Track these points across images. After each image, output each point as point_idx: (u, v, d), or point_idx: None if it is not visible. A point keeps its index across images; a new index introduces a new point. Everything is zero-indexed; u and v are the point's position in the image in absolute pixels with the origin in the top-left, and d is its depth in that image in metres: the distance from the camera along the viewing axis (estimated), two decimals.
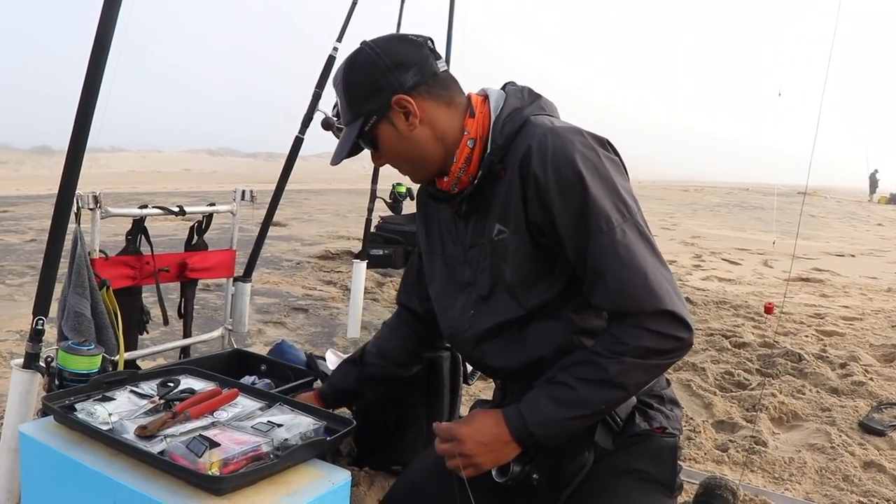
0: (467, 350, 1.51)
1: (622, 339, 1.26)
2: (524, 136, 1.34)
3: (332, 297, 5.74)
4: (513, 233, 1.37)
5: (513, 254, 1.37)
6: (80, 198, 2.08)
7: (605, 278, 1.26)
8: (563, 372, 1.32)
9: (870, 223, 19.57)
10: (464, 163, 1.39)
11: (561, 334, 1.39)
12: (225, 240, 2.84)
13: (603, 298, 1.29)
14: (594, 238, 1.27)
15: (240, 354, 2.44)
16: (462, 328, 1.49)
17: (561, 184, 1.28)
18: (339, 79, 1.40)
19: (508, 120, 1.37)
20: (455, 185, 1.42)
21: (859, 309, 6.35)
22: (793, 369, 4.10)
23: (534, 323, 1.40)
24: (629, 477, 1.39)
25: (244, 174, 31.29)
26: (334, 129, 3.39)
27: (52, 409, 1.44)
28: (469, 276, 1.47)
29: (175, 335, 3.22)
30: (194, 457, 1.24)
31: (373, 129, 1.38)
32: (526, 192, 1.33)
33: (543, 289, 1.38)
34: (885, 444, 3.10)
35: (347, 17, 3.63)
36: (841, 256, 10.96)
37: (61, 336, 2.06)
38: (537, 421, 1.30)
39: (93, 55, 1.84)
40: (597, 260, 1.27)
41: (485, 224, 1.42)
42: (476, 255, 1.45)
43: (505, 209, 1.37)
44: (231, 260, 2.79)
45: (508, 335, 1.43)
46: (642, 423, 1.45)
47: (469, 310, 1.47)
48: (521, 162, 1.32)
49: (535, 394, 1.33)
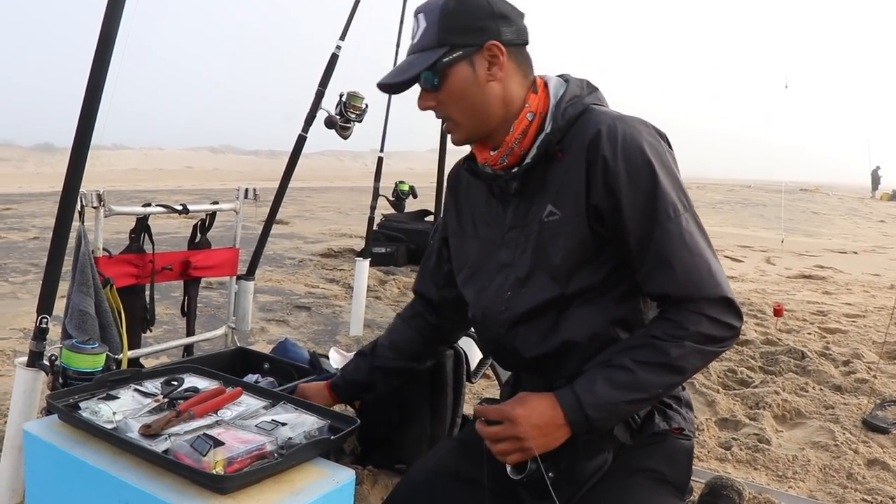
0: (499, 333, 1.47)
1: (683, 324, 1.27)
2: (587, 122, 1.35)
3: (334, 294, 5.74)
4: (566, 215, 1.35)
5: (563, 236, 1.36)
6: (83, 196, 2.08)
7: (671, 264, 1.28)
8: (620, 355, 1.30)
9: (872, 220, 19.55)
10: (520, 134, 1.37)
11: (597, 321, 1.37)
12: (228, 238, 2.84)
13: (666, 284, 1.29)
14: (661, 224, 1.29)
15: (243, 353, 2.44)
16: (497, 310, 1.46)
17: (630, 169, 1.29)
18: (435, 3, 1.36)
19: (570, 104, 1.37)
20: (505, 158, 1.40)
21: (862, 306, 6.34)
22: (796, 367, 4.09)
23: (572, 307, 1.38)
24: (642, 476, 1.38)
25: (246, 172, 31.31)
26: (337, 127, 3.39)
27: (56, 408, 1.44)
28: (507, 258, 1.45)
29: (178, 333, 3.22)
30: (198, 455, 1.24)
31: (451, 63, 1.35)
32: (591, 174, 1.32)
33: (587, 274, 1.36)
34: (888, 442, 3.10)
35: (350, 15, 3.63)
36: (843, 253, 10.96)
37: (65, 334, 2.06)
38: (593, 403, 1.28)
39: (97, 53, 1.84)
40: (663, 246, 1.28)
41: (530, 205, 1.40)
42: (516, 236, 1.43)
43: (560, 191, 1.36)
44: (234, 258, 2.79)
45: (544, 318, 1.41)
46: (661, 422, 1.44)
47: (506, 291, 1.44)
48: (590, 145, 1.31)
49: (589, 376, 1.31)
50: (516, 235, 1.43)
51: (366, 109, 3.49)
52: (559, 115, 1.37)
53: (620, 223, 1.31)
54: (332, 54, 3.50)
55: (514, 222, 1.44)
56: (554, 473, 1.37)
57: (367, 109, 3.50)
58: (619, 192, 1.30)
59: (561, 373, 1.41)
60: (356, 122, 3.48)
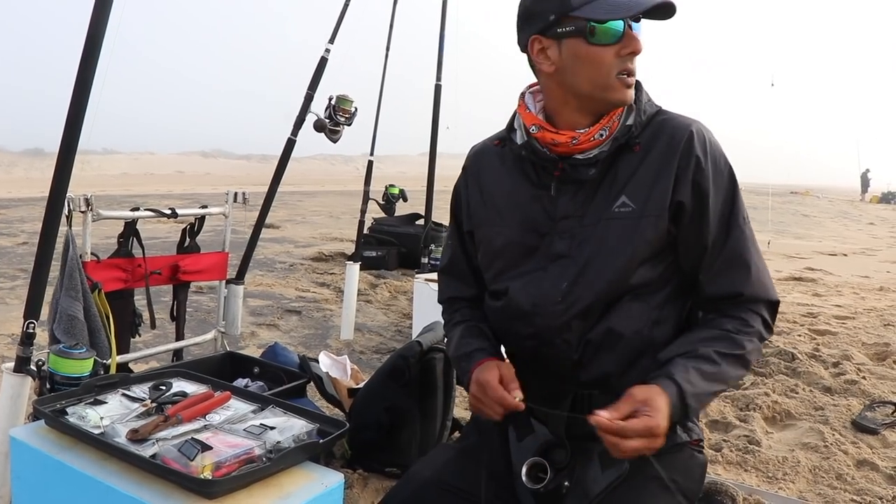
0: (552, 325, 1.41)
1: (749, 322, 1.34)
2: (667, 122, 1.38)
3: (325, 298, 5.73)
4: (640, 208, 1.35)
5: (635, 229, 1.35)
6: (71, 200, 2.07)
7: (748, 266, 1.36)
8: (703, 345, 1.31)
9: (862, 222, 19.66)
10: (616, 116, 1.37)
11: (643, 318, 1.38)
12: (217, 242, 2.84)
13: (741, 284, 1.35)
14: (739, 227, 1.36)
15: (232, 357, 2.44)
16: (552, 300, 1.40)
17: (717, 172, 1.35)
18: None
19: (648, 103, 1.40)
20: (607, 129, 1.36)
21: (852, 308, 6.37)
22: (786, 368, 4.10)
23: (624, 299, 1.38)
24: (655, 483, 1.35)
25: (237, 176, 31.26)
26: (327, 130, 3.39)
27: (43, 413, 1.43)
28: (563, 249, 1.40)
29: (168, 338, 3.21)
30: (186, 460, 1.24)
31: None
32: (681, 172, 1.33)
33: (647, 269, 1.37)
34: (877, 443, 3.11)
35: (340, 18, 3.63)
36: (833, 256, 11.00)
37: (53, 339, 2.05)
38: (693, 393, 1.26)
39: (84, 56, 1.83)
40: (740, 248, 1.36)
41: (595, 195, 1.38)
42: (572, 226, 1.39)
43: (636, 183, 1.36)
44: (224, 262, 2.78)
45: (598, 309, 1.39)
46: (682, 433, 1.44)
47: (563, 282, 1.39)
48: (685, 145, 1.34)
49: (680, 367, 1.28)
50: (573, 225, 1.39)
51: (355, 113, 3.49)
52: (641, 111, 1.38)
53: (703, 221, 1.34)
54: (322, 58, 3.50)
55: (569, 211, 1.40)
56: (569, 482, 1.36)
57: (356, 113, 3.50)
58: (707, 191, 1.33)
59: (591, 371, 1.39)
60: (345, 126, 3.47)
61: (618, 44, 1.31)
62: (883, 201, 32.80)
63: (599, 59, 1.31)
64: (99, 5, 1.82)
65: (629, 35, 1.31)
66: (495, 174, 1.51)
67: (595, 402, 1.40)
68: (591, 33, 1.30)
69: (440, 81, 4.67)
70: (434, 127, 4.75)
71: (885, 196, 34.07)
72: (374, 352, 4.23)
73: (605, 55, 1.31)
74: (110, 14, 1.84)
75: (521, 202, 1.46)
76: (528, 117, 1.42)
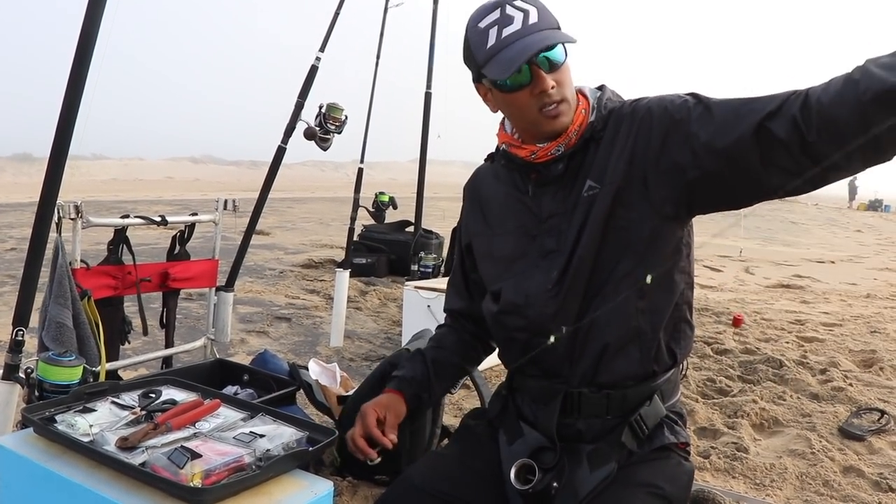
0: (544, 314, 1.46)
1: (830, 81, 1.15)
2: (619, 107, 1.45)
3: (315, 305, 5.72)
4: (605, 185, 1.40)
5: (602, 206, 1.40)
6: (61, 208, 2.07)
7: (751, 99, 1.26)
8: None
9: (849, 230, 19.80)
10: (578, 126, 1.43)
11: (630, 306, 1.41)
12: (207, 249, 2.83)
13: (772, 101, 1.21)
14: (726, 102, 1.29)
15: (222, 364, 2.43)
16: (543, 289, 1.46)
17: (673, 103, 1.36)
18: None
19: (609, 100, 1.47)
20: (562, 147, 1.43)
21: (839, 315, 6.41)
22: (774, 375, 4.13)
23: (610, 287, 1.41)
24: (643, 490, 1.38)
25: (227, 182, 31.18)
26: (317, 138, 3.39)
27: (31, 421, 1.43)
28: (551, 244, 1.47)
29: (157, 345, 3.20)
30: (176, 468, 1.24)
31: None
32: (641, 132, 1.38)
33: (630, 256, 1.40)
34: (864, 449, 3.13)
35: (330, 26, 3.65)
36: (821, 263, 11.07)
37: (42, 347, 2.04)
38: None
39: (75, 62, 1.83)
40: (728, 103, 1.29)
41: (571, 188, 1.45)
42: (558, 222, 1.46)
43: (598, 166, 1.42)
44: (213, 269, 2.78)
45: (588, 294, 1.43)
46: (670, 435, 1.47)
47: (553, 271, 1.45)
48: (632, 112, 1.41)
49: None
50: (560, 221, 1.46)
51: (345, 121, 3.50)
52: (601, 108, 1.45)
53: (697, 139, 1.30)
54: (312, 66, 3.51)
55: (553, 209, 1.47)
56: (558, 483, 1.37)
57: (346, 121, 3.51)
58: (670, 121, 1.35)
59: (582, 362, 1.44)
60: (336, 134, 3.48)
61: (528, 87, 1.38)
62: (870, 209, 33.08)
63: (518, 104, 1.41)
64: (90, 11, 1.82)
65: (536, 75, 1.37)
66: (491, 188, 1.62)
67: (585, 401, 1.44)
68: (502, 86, 1.40)
69: (430, 90, 4.69)
70: (424, 136, 4.76)
71: (873, 203, 34.39)
72: (363, 359, 4.23)
73: (520, 99, 1.39)
74: (102, 19, 1.84)
75: (513, 209, 1.55)
76: (502, 136, 1.55)
